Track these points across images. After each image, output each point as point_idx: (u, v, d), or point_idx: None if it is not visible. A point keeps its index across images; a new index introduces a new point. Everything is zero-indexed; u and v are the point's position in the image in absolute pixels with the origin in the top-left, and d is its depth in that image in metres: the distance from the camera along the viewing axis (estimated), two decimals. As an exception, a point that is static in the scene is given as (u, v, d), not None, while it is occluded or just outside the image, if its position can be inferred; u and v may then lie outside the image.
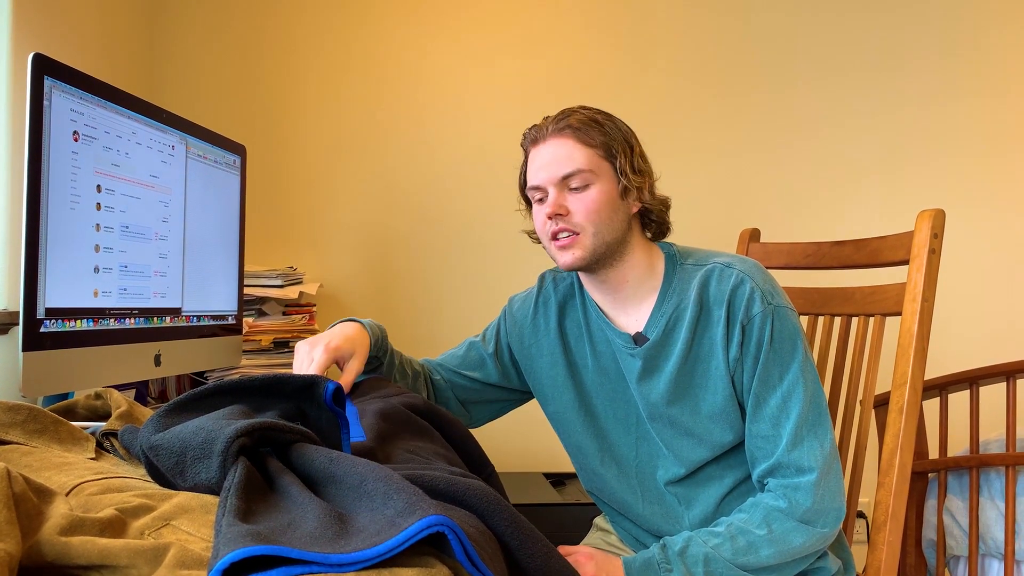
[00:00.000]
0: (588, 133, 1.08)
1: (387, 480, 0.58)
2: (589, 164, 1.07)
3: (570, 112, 1.11)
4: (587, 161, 1.07)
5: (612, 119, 1.12)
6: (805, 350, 1.08)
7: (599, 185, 1.08)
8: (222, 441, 0.62)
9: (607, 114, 1.12)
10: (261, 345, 1.81)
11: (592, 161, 1.08)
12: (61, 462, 0.75)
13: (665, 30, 2.38)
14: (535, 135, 1.12)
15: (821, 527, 1.04)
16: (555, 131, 1.09)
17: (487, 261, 2.31)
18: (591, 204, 1.07)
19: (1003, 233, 2.43)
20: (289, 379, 0.77)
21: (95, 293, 1.15)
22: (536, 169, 1.11)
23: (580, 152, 1.07)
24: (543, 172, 1.09)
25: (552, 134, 1.09)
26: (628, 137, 1.11)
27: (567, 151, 1.08)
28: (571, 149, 1.08)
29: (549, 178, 1.09)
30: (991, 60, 2.42)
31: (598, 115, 1.11)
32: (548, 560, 0.66)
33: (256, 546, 0.47)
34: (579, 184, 1.07)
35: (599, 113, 1.11)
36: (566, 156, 1.08)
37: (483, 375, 1.26)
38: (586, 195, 1.07)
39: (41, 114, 1.04)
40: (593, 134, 1.08)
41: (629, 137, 1.12)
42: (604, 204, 1.08)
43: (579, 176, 1.07)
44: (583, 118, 1.09)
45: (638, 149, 1.12)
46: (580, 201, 1.08)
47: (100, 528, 0.55)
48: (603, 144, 1.08)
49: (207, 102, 2.23)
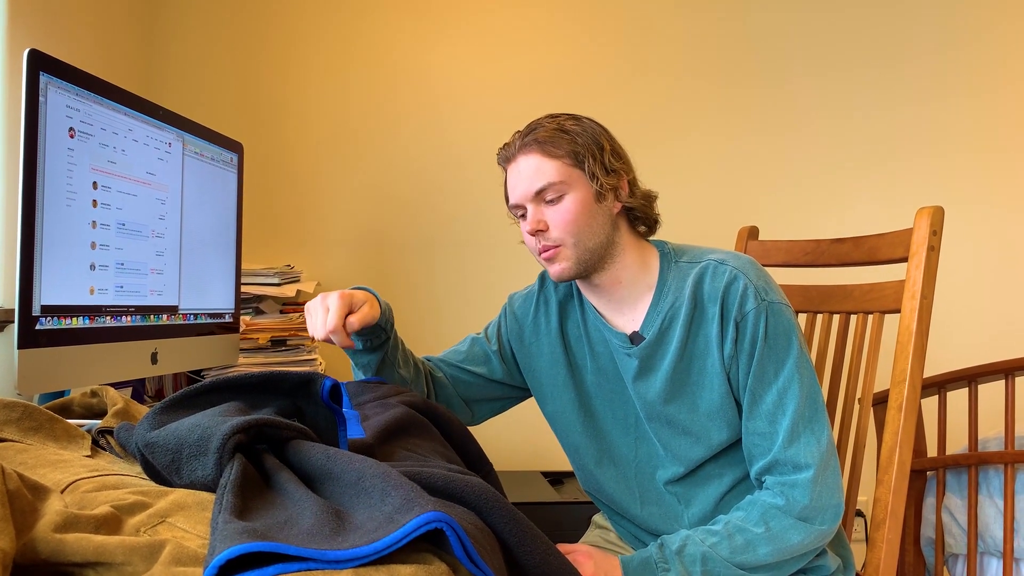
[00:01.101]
0: (554, 144, 1.08)
1: (385, 476, 0.58)
2: (559, 176, 1.08)
3: (536, 125, 1.11)
4: (556, 173, 1.08)
5: (580, 122, 1.11)
6: (800, 346, 1.07)
7: (573, 194, 1.08)
8: (218, 438, 0.61)
9: (575, 118, 1.11)
10: (259, 343, 1.80)
11: (561, 172, 1.08)
12: (56, 459, 0.75)
13: (664, 27, 2.38)
14: (506, 154, 1.13)
15: (819, 524, 1.04)
16: (522, 147, 1.10)
17: (485, 259, 2.31)
18: (567, 215, 1.08)
19: (1002, 230, 2.43)
20: (286, 376, 0.77)
21: (91, 291, 1.15)
22: (511, 188, 1.12)
23: (548, 165, 1.08)
24: (517, 190, 1.10)
25: (520, 151, 1.10)
26: (597, 138, 1.10)
27: (535, 166, 1.08)
28: (539, 163, 1.08)
29: (524, 196, 1.10)
30: (990, 56, 2.42)
31: (566, 122, 1.10)
32: (547, 558, 0.65)
33: (252, 543, 0.47)
34: (553, 196, 1.08)
35: (568, 119, 1.11)
36: (535, 171, 1.08)
37: (487, 371, 1.26)
38: (561, 207, 1.08)
39: (37, 110, 1.03)
40: (560, 143, 1.08)
41: (598, 137, 1.10)
42: (580, 213, 1.08)
43: (551, 189, 1.08)
44: (547, 130, 1.09)
45: (608, 147, 1.10)
46: (556, 213, 1.08)
47: (95, 525, 0.54)
48: (570, 152, 1.08)
49: (204, 99, 2.22)
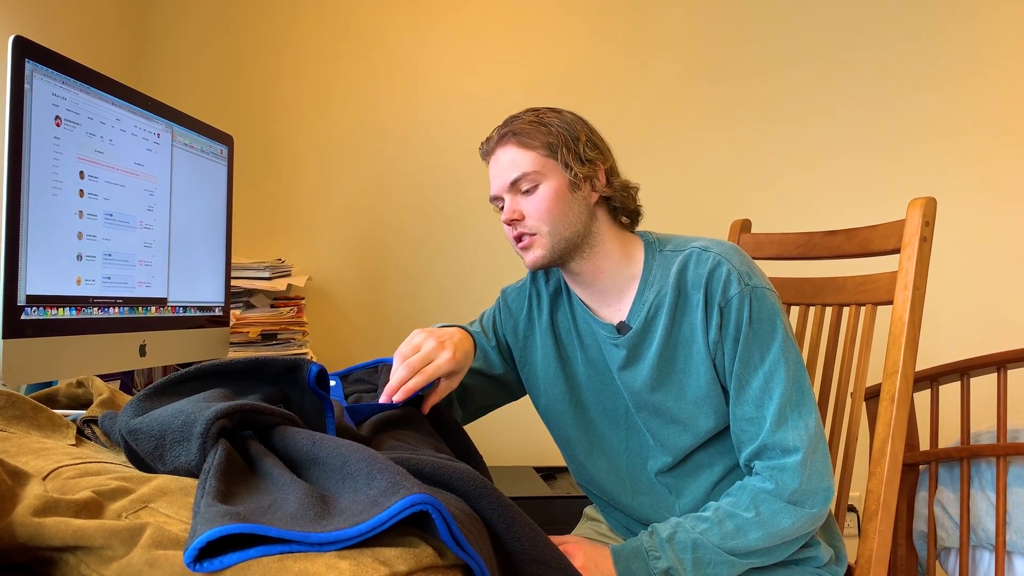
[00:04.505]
0: (529, 135, 1.10)
1: (371, 460, 0.57)
2: (533, 166, 1.09)
3: (513, 118, 1.13)
4: (531, 163, 1.09)
5: (559, 114, 1.12)
6: (786, 330, 1.07)
7: (547, 183, 1.09)
8: (201, 423, 0.61)
9: (555, 110, 1.13)
10: (249, 337, 1.79)
11: (536, 162, 1.09)
12: (39, 448, 0.74)
13: (656, 23, 2.37)
14: (486, 147, 1.15)
15: (810, 507, 1.04)
16: (499, 140, 1.13)
17: (477, 254, 2.30)
18: (541, 204, 1.09)
19: (995, 222, 2.43)
20: (272, 361, 0.76)
21: (78, 281, 1.13)
22: (491, 180, 1.14)
23: (523, 156, 1.10)
24: (495, 182, 1.13)
25: (497, 144, 1.13)
26: (572, 128, 1.11)
27: (511, 157, 1.11)
28: (514, 155, 1.11)
29: (501, 186, 1.12)
30: (984, 48, 2.42)
31: (543, 114, 1.12)
32: (535, 544, 0.65)
33: (234, 524, 0.46)
34: (528, 186, 1.10)
35: (547, 112, 1.13)
36: (510, 163, 1.11)
37: (486, 366, 1.26)
38: (535, 196, 1.10)
39: (22, 98, 1.02)
40: (535, 135, 1.10)
41: (574, 128, 1.11)
42: (554, 202, 1.09)
43: (525, 179, 1.10)
44: (524, 122, 1.11)
45: (584, 138, 1.11)
46: (531, 203, 1.10)
47: (75, 510, 0.53)
48: (545, 143, 1.10)
49: (195, 91, 2.21)
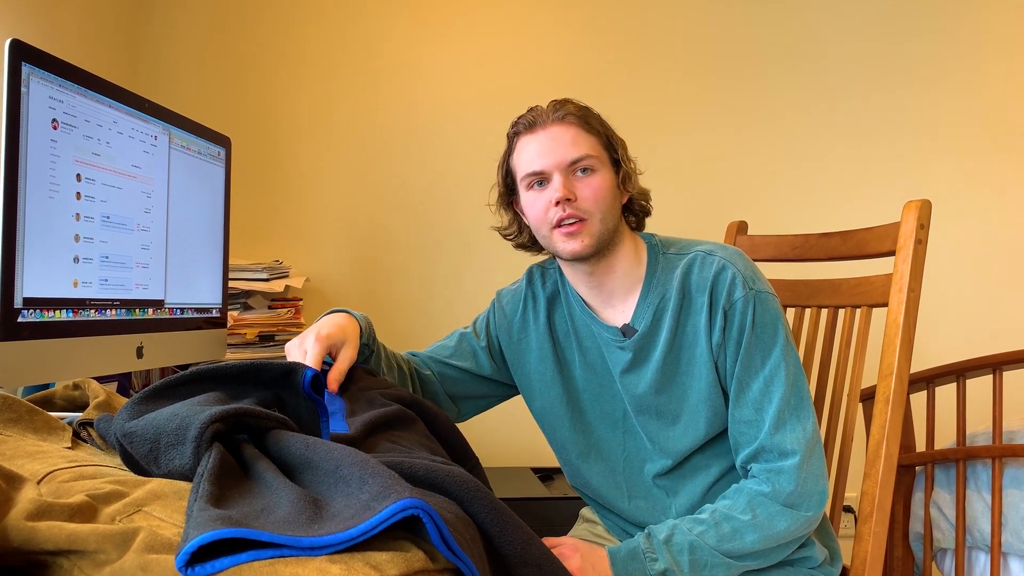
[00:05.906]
0: (589, 122, 1.09)
1: (363, 465, 0.57)
2: (594, 150, 1.08)
3: (566, 101, 1.11)
4: (592, 147, 1.08)
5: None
6: (787, 335, 1.08)
7: (603, 172, 1.09)
8: (196, 427, 0.61)
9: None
10: (246, 339, 1.80)
11: (596, 148, 1.09)
12: (35, 451, 0.74)
13: (651, 25, 2.38)
14: (532, 120, 1.10)
15: (805, 510, 1.04)
16: (556, 119, 1.09)
17: (474, 255, 2.30)
18: (599, 190, 1.07)
19: (990, 225, 2.43)
20: (267, 366, 0.76)
21: (75, 283, 1.14)
22: (536, 155, 1.09)
23: (585, 138, 1.08)
24: (547, 157, 1.08)
25: (554, 121, 1.09)
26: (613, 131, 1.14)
27: (572, 137, 1.08)
28: (576, 135, 1.08)
29: (556, 163, 1.07)
30: (980, 50, 2.43)
31: (590, 108, 1.12)
32: (527, 547, 0.65)
33: (226, 528, 0.47)
34: (586, 168, 1.08)
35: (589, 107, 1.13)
36: (571, 142, 1.07)
37: (475, 366, 1.25)
38: (593, 180, 1.07)
39: (19, 101, 1.02)
40: (593, 123, 1.09)
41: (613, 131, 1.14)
42: (608, 191, 1.08)
43: (586, 161, 1.07)
44: (581, 107, 1.11)
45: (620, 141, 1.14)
46: (588, 187, 1.07)
47: (69, 514, 0.54)
48: (603, 133, 1.10)
49: (192, 93, 2.21)
